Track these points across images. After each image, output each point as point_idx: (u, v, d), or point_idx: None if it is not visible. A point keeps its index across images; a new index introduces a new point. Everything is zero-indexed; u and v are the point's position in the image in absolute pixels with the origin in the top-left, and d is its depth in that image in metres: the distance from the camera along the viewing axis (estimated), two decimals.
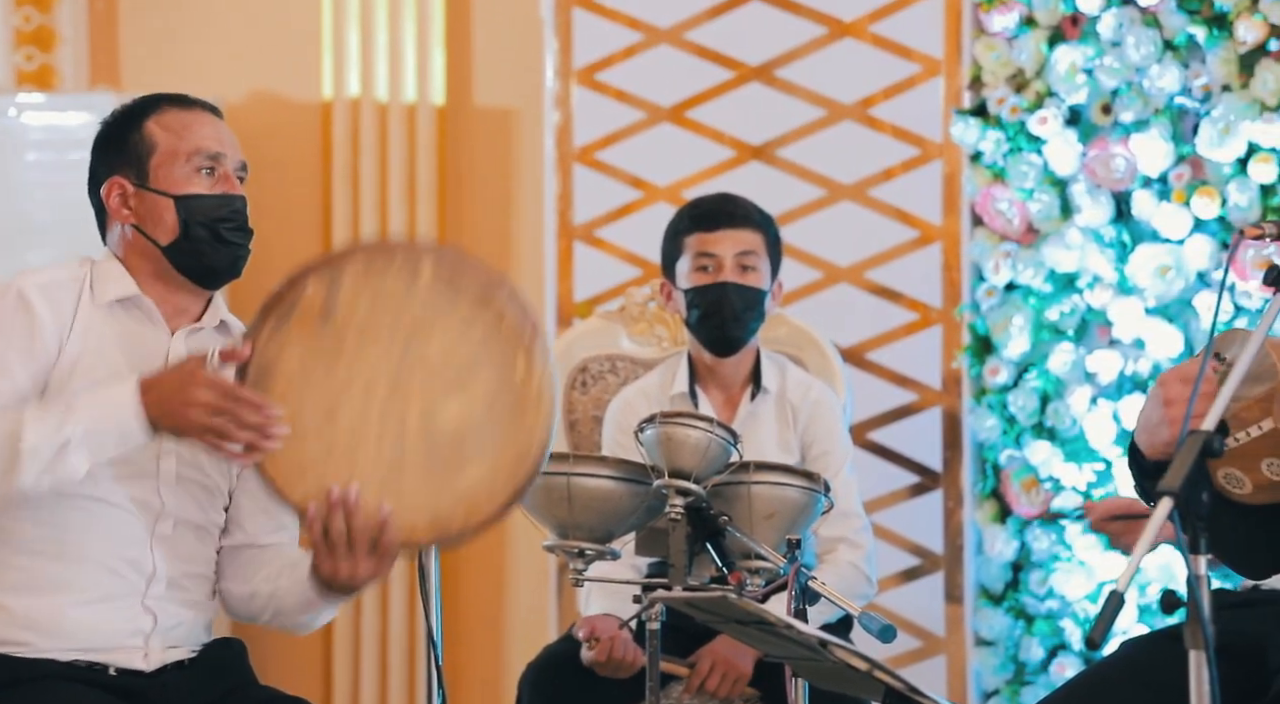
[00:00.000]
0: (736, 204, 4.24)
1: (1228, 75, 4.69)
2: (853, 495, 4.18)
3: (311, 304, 3.02)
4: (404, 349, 3.02)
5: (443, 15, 5.54)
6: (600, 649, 3.91)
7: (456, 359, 3.02)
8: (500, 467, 3.00)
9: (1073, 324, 4.93)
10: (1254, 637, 3.56)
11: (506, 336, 3.03)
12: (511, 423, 3.01)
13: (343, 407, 3.00)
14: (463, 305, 3.03)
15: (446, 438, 3.00)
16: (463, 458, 3.00)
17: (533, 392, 3.01)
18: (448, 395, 3.01)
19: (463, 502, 3.00)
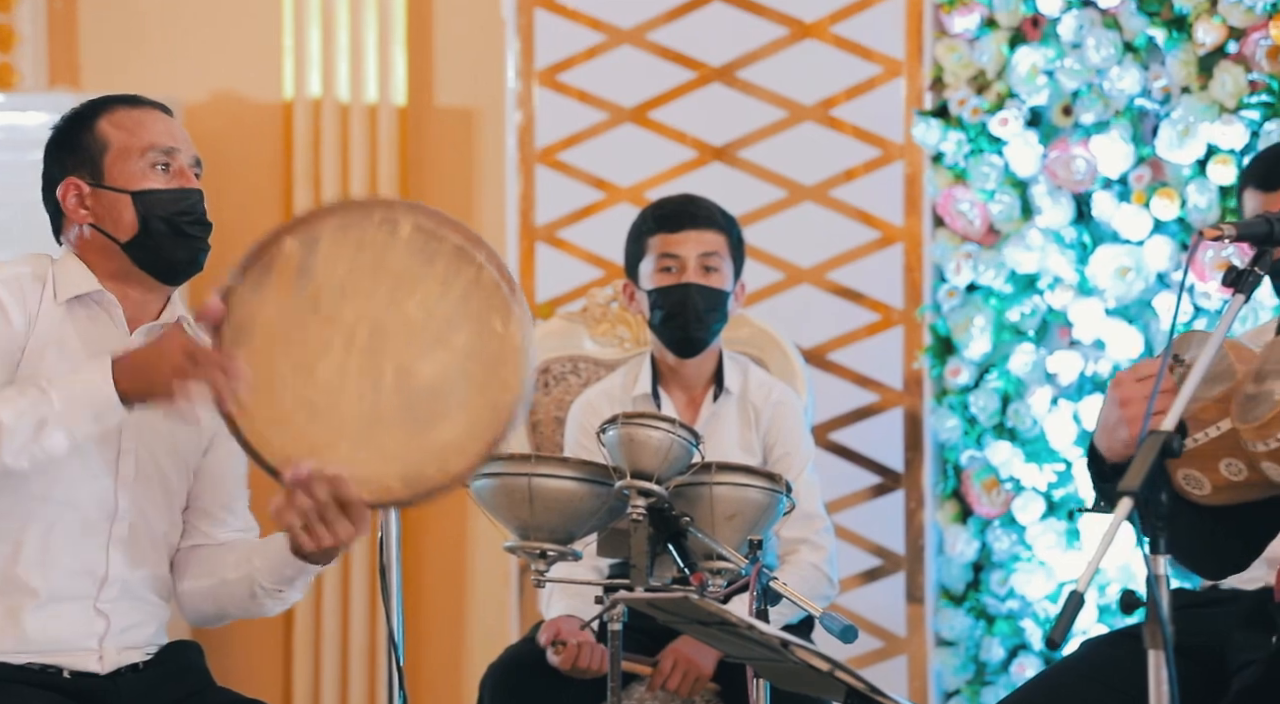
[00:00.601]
0: (699, 205, 4.24)
1: (1187, 77, 4.71)
2: (814, 497, 4.18)
3: (289, 261, 3.02)
4: (383, 305, 3.02)
5: (404, 15, 5.53)
6: (566, 657, 3.91)
7: (436, 315, 3.02)
8: (476, 422, 3.01)
9: (1033, 325, 4.94)
10: (1213, 636, 3.58)
11: (485, 293, 3.03)
12: (488, 379, 3.01)
13: (321, 362, 3.00)
14: (441, 262, 3.03)
15: (423, 393, 3.01)
16: (438, 413, 3.01)
17: (510, 348, 3.02)
18: (426, 351, 3.02)
19: (437, 457, 3.01)
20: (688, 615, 2.87)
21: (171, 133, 3.19)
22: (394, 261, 3.02)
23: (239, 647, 5.51)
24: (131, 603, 3.14)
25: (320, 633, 5.52)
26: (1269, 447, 2.69)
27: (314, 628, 5.52)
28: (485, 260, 3.03)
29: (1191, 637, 3.40)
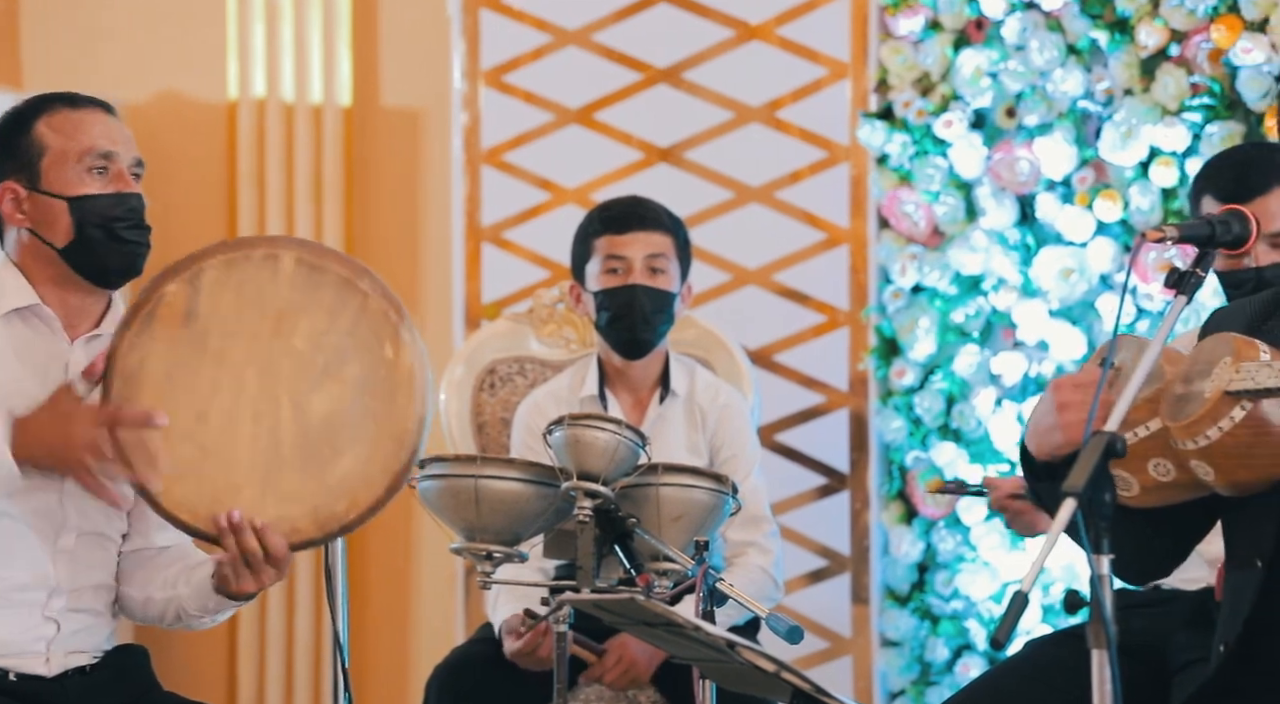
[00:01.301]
0: (646, 207, 4.24)
1: (1129, 79, 4.74)
2: (761, 500, 4.19)
3: (173, 305, 2.99)
4: (270, 342, 2.99)
5: (349, 15, 5.52)
6: (530, 638, 3.90)
7: (324, 348, 3.00)
8: (376, 452, 2.99)
9: (978, 326, 4.96)
10: (1155, 636, 3.60)
11: (373, 322, 3.01)
12: (385, 407, 2.99)
13: (213, 407, 2.98)
14: (326, 294, 3.01)
15: (320, 429, 2.99)
16: (338, 448, 2.98)
17: (403, 374, 3.00)
18: (318, 385, 2.99)
19: (343, 492, 2.99)
20: (634, 617, 2.87)
21: (110, 135, 3.16)
22: (279, 297, 3.00)
23: (184, 649, 5.48)
24: (80, 610, 3.13)
25: (265, 635, 5.49)
26: (1198, 445, 2.70)
27: (259, 630, 5.50)
28: (370, 289, 3.01)
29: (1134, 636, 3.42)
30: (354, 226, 5.54)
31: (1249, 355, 2.68)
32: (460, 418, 4.53)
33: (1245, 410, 2.66)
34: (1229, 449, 2.69)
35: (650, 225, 4.19)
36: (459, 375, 4.56)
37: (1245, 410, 2.66)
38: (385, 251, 5.53)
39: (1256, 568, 2.81)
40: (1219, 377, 2.68)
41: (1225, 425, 2.67)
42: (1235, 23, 4.58)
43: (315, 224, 5.49)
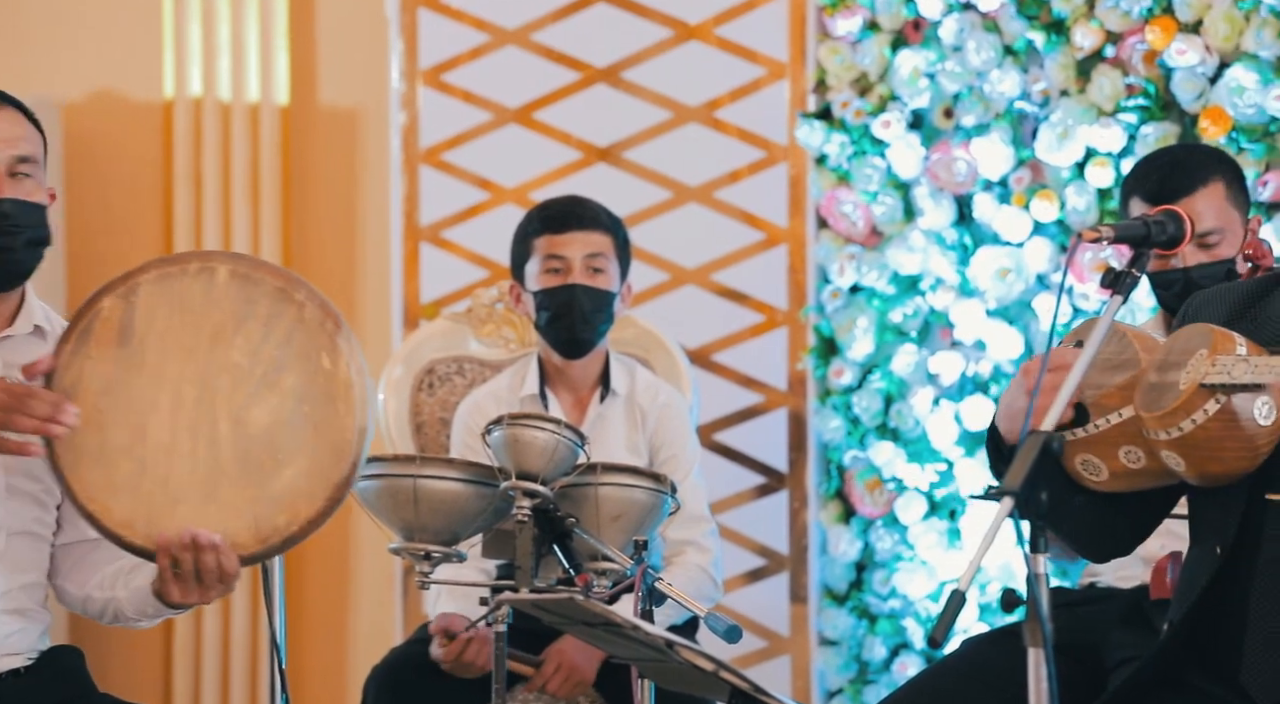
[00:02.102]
0: (585, 206, 4.24)
1: (1065, 80, 4.77)
2: (701, 499, 4.19)
3: (109, 322, 2.98)
4: (207, 356, 2.98)
5: (286, 14, 5.49)
6: (452, 649, 3.89)
7: (261, 360, 2.99)
8: (317, 464, 2.97)
9: (915, 326, 4.98)
10: (1091, 634, 3.62)
11: (309, 332, 3.00)
12: (324, 418, 2.98)
13: (152, 422, 2.96)
14: (262, 306, 3.00)
15: (259, 441, 2.97)
16: (278, 460, 2.97)
17: (341, 384, 2.99)
18: (256, 398, 2.98)
19: (283, 505, 2.97)
20: (573, 616, 2.87)
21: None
22: (214, 310, 2.99)
23: (119, 651, 5.44)
24: (13, 612, 3.10)
25: (201, 635, 5.47)
26: (1171, 436, 2.72)
27: (195, 630, 5.47)
28: (305, 299, 3.00)
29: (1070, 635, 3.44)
30: (291, 226, 5.52)
31: (1226, 348, 2.70)
32: (399, 418, 4.52)
33: (1219, 404, 2.68)
34: (1201, 441, 2.71)
35: (589, 225, 4.19)
36: (397, 375, 4.54)
37: (1219, 404, 2.68)
38: (323, 251, 5.51)
39: (1214, 553, 2.83)
40: (1195, 369, 2.70)
41: (1199, 418, 2.69)
42: (1170, 24, 4.61)
43: (252, 224, 5.47)
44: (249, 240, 5.44)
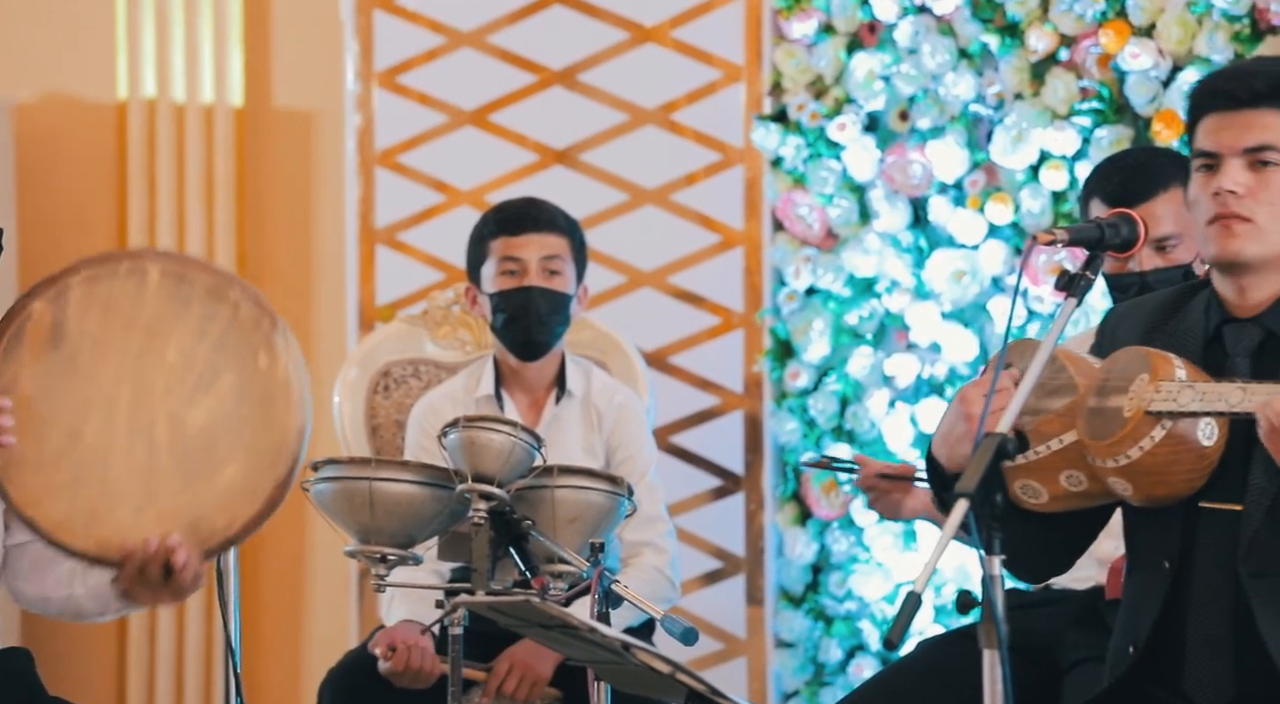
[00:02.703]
0: (541, 208, 4.24)
1: (1020, 83, 4.78)
2: (657, 501, 4.20)
3: (40, 324, 2.96)
4: (140, 356, 2.96)
5: (240, 15, 5.47)
6: (397, 658, 3.88)
7: (197, 360, 2.97)
8: (256, 464, 2.96)
9: (871, 328, 4.99)
10: (1046, 636, 3.63)
11: (244, 331, 2.98)
12: (261, 418, 2.96)
13: (87, 424, 2.94)
14: (195, 305, 2.98)
15: (197, 441, 2.95)
16: (217, 460, 2.95)
17: (279, 383, 2.97)
18: (193, 398, 2.96)
19: (222, 506, 2.96)
20: (529, 619, 2.87)
21: None
22: (147, 310, 2.97)
23: (71, 653, 5.41)
24: None
25: (155, 638, 5.44)
26: (1118, 463, 2.73)
27: (148, 633, 5.44)
28: (240, 298, 2.98)
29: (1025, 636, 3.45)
30: (246, 228, 5.50)
31: (1166, 372, 2.71)
32: (354, 420, 4.50)
33: (1165, 429, 2.69)
34: (1149, 467, 2.72)
35: (545, 227, 4.19)
36: (353, 377, 4.53)
37: (1165, 429, 2.69)
38: (278, 254, 5.50)
39: (1164, 569, 2.84)
40: (1139, 395, 2.70)
41: (1146, 445, 2.70)
42: (1123, 28, 4.63)
43: (207, 226, 5.44)
44: (203, 242, 5.42)
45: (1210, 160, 2.84)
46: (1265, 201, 2.80)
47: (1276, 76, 2.82)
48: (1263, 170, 2.81)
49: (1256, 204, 2.81)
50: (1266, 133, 2.81)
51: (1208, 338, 2.87)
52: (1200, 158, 2.85)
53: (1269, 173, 2.81)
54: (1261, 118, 2.82)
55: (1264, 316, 2.85)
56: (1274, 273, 2.84)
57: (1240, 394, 2.65)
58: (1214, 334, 2.87)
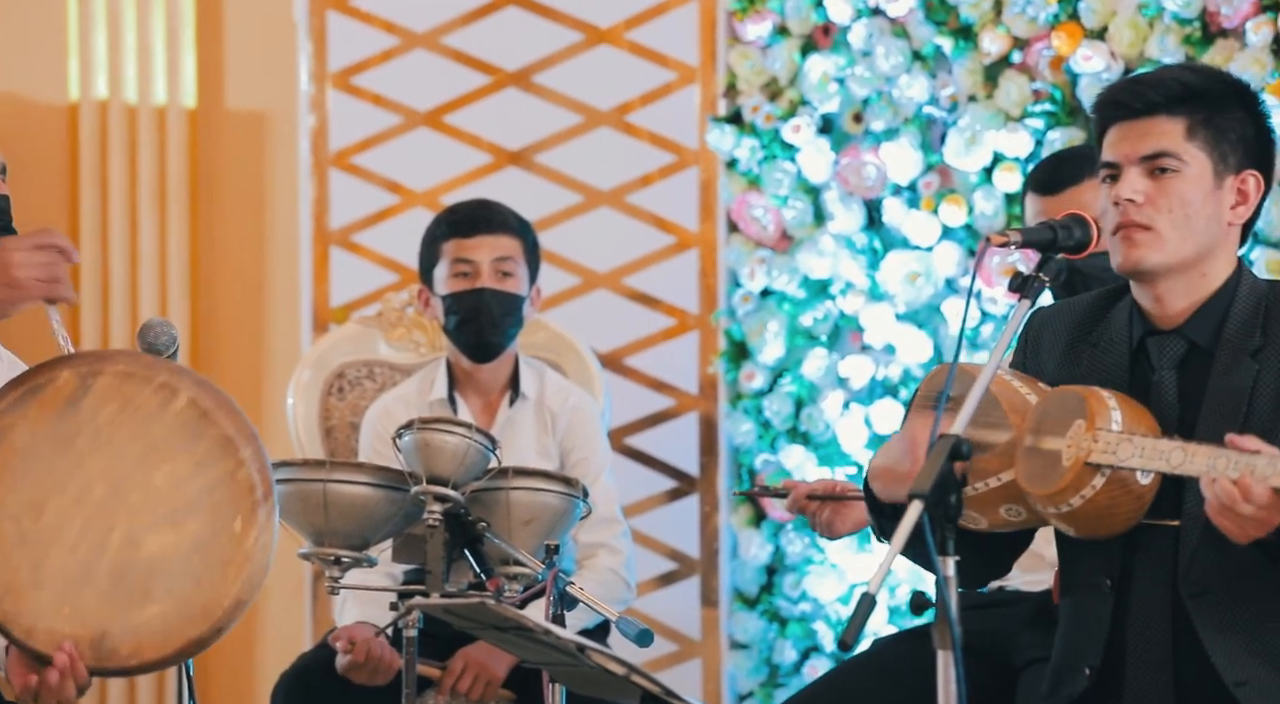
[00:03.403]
0: (494, 210, 4.24)
1: (973, 86, 4.80)
2: (612, 502, 4.20)
3: (60, 392, 2.94)
4: (132, 468, 2.94)
5: (193, 16, 5.45)
6: (358, 649, 3.87)
7: (179, 495, 2.95)
8: (182, 615, 2.93)
9: (826, 330, 5.00)
10: (999, 636, 3.65)
11: (236, 490, 2.95)
12: (209, 577, 2.93)
13: (51, 502, 2.92)
14: (204, 445, 2.96)
15: (140, 568, 2.93)
16: (149, 594, 2.92)
17: (241, 552, 2.95)
18: (157, 527, 2.94)
19: (131, 639, 2.93)
20: (484, 621, 2.86)
21: None
22: (158, 430, 2.95)
23: None
24: None
25: None
26: (1060, 510, 2.75)
27: None
28: (249, 458, 2.96)
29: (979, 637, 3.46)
30: (200, 230, 5.47)
31: (1102, 418, 2.71)
32: (308, 422, 4.49)
33: (1105, 477, 2.71)
34: (1090, 513, 2.74)
35: (498, 229, 4.19)
36: (307, 379, 4.52)
37: (1105, 477, 2.71)
38: (232, 255, 5.48)
39: (1105, 588, 2.85)
40: (1077, 443, 2.71)
41: (1087, 493, 2.72)
42: (1076, 30, 4.65)
43: (160, 228, 5.42)
44: (156, 244, 5.40)
45: (1112, 170, 2.87)
46: (1164, 209, 2.82)
47: (1170, 85, 2.84)
48: (1161, 177, 2.83)
49: (1156, 212, 2.82)
50: (1163, 140, 2.83)
51: (1132, 350, 2.89)
52: (1104, 169, 2.88)
53: (1167, 180, 2.82)
54: (1158, 126, 2.84)
55: (1186, 327, 2.86)
56: (1187, 281, 2.86)
57: (1181, 454, 2.66)
58: (1138, 346, 2.88)
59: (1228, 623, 2.77)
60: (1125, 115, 2.86)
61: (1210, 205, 2.83)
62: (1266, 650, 2.77)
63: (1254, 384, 2.79)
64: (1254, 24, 4.43)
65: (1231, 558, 2.76)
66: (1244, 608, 2.77)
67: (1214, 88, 2.85)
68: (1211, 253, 2.85)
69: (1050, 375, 2.93)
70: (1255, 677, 2.76)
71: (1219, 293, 2.86)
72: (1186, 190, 2.82)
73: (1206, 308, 2.86)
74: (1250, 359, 2.81)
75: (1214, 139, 2.83)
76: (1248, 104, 2.87)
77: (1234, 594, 2.77)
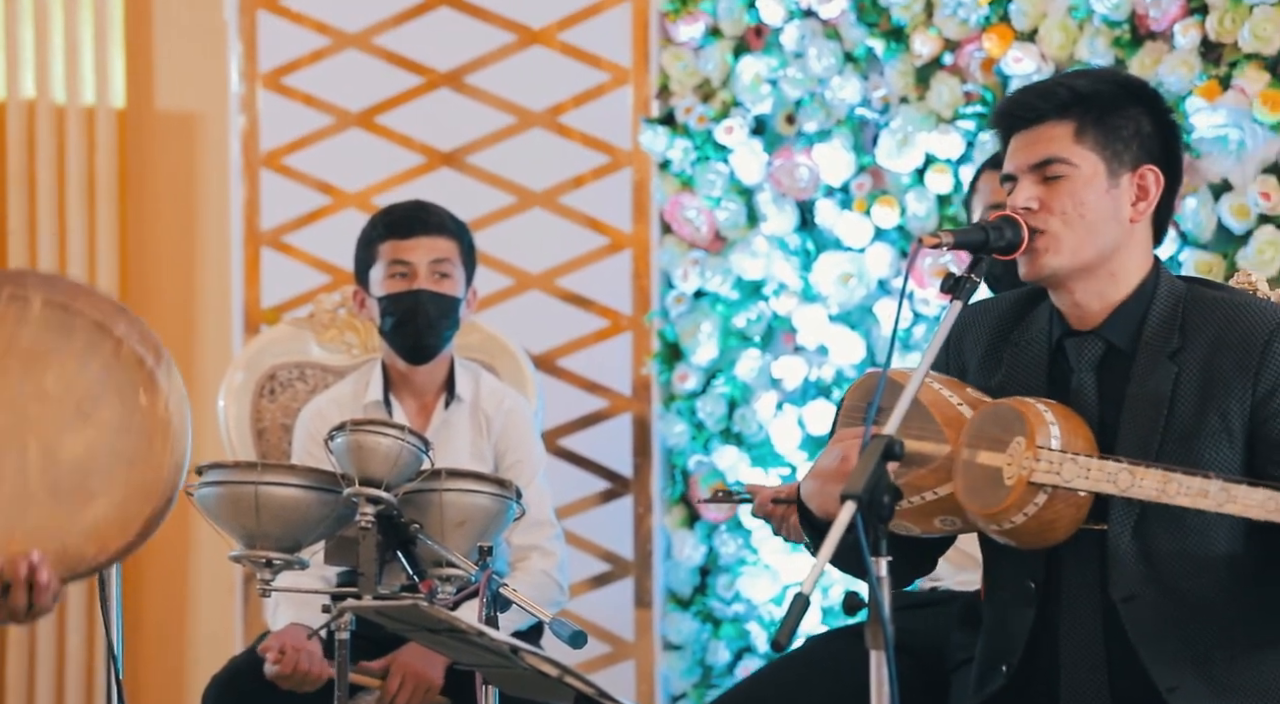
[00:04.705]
0: (430, 211, 4.23)
1: (905, 87, 4.82)
2: (545, 504, 4.19)
3: None
4: (19, 383, 2.92)
5: (122, 15, 5.41)
6: (285, 662, 3.85)
7: (76, 391, 2.94)
8: (129, 498, 2.93)
9: (759, 331, 5.01)
10: (932, 636, 3.66)
11: (127, 365, 2.94)
12: (140, 453, 2.93)
13: None
14: (79, 336, 2.94)
15: (70, 471, 2.92)
16: (90, 491, 2.92)
17: (158, 420, 2.94)
18: (69, 428, 2.93)
19: (92, 536, 2.92)
20: (417, 623, 2.86)
21: None
22: (27, 339, 2.93)
23: None
24: None
25: (34, 644, 5.37)
26: (1003, 527, 2.76)
27: (28, 638, 5.37)
28: (125, 333, 2.95)
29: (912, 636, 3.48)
30: (129, 232, 5.44)
31: (1041, 432, 2.72)
32: (240, 424, 4.47)
33: (1048, 494, 2.72)
34: (1033, 528, 2.75)
35: (435, 230, 4.18)
36: (238, 381, 4.49)
37: (1048, 494, 2.72)
38: (162, 257, 5.44)
39: (1030, 590, 2.86)
40: (1018, 461, 2.71)
41: (1030, 511, 2.73)
42: (1006, 32, 4.68)
43: (88, 229, 5.38)
44: (85, 246, 5.36)
45: (1011, 182, 2.88)
46: (1057, 212, 2.84)
47: (1057, 91, 2.86)
48: (1053, 183, 2.84)
49: (1050, 215, 2.84)
50: (1051, 145, 2.85)
51: (1051, 351, 2.90)
52: (1006, 182, 2.90)
53: (1059, 184, 2.84)
54: (1048, 131, 2.86)
55: (1103, 329, 2.88)
56: (1096, 282, 2.87)
57: (1129, 477, 2.67)
58: (1057, 347, 2.90)
59: (1158, 628, 2.78)
60: (1019, 126, 2.89)
61: (1107, 204, 2.85)
62: (1196, 656, 2.78)
63: (1174, 387, 2.81)
64: (1182, 26, 4.46)
65: (1160, 563, 2.78)
66: (1173, 613, 2.79)
67: (1105, 88, 2.87)
68: (1116, 252, 2.86)
69: (972, 375, 2.95)
70: (1185, 682, 2.77)
71: (1136, 294, 2.87)
72: (1078, 192, 2.83)
73: (1123, 309, 2.87)
74: (1169, 361, 2.82)
75: (1105, 138, 2.85)
76: (1145, 101, 2.89)
77: (1163, 599, 2.79)
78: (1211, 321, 2.84)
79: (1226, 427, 2.78)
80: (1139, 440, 2.78)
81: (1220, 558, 2.74)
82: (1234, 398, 2.78)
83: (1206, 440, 2.77)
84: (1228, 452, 2.77)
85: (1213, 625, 2.78)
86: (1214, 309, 2.85)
